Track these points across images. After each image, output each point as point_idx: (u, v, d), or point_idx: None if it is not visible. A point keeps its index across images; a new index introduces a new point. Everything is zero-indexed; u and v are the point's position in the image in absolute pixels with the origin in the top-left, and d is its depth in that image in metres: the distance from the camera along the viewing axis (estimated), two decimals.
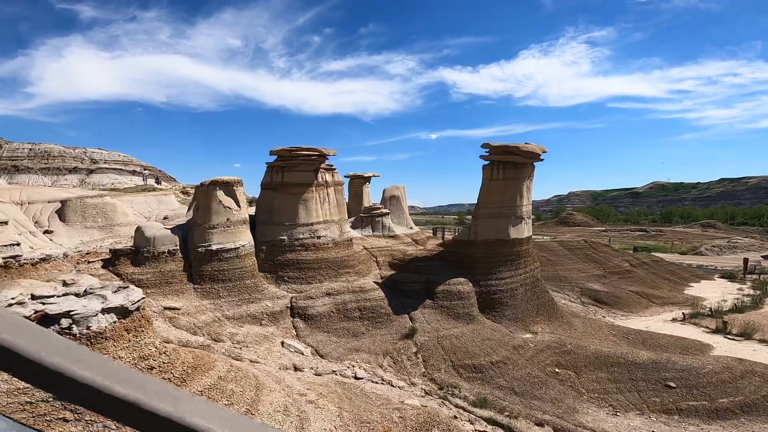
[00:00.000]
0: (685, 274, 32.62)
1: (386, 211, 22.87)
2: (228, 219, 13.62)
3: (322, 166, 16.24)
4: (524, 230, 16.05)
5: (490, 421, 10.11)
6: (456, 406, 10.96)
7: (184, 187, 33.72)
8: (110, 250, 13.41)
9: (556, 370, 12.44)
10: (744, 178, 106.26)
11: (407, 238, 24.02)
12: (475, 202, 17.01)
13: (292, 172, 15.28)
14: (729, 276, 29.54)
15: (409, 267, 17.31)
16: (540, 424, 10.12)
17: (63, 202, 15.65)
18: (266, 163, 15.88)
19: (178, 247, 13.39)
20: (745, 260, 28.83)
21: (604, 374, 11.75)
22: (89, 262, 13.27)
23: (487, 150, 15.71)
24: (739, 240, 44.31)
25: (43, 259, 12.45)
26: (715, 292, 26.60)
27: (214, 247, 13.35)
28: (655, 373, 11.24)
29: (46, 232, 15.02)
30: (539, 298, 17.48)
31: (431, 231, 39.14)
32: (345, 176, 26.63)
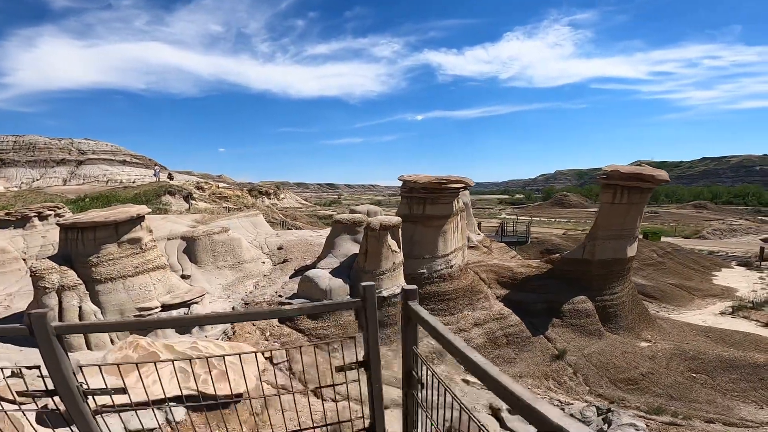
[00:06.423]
0: (706, 262, 39.99)
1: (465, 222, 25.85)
2: (393, 263, 15.75)
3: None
4: (635, 248, 20.13)
5: (672, 425, 14.14)
6: (636, 416, 14.85)
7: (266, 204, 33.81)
8: (280, 303, 15.00)
9: (693, 375, 16.85)
10: (725, 157, 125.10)
11: (481, 246, 27.36)
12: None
13: (436, 204, 17.57)
14: (746, 263, 37.10)
15: (525, 286, 20.67)
16: (710, 422, 14.36)
17: (187, 240, 16.45)
18: (403, 194, 17.95)
19: (349, 297, 15.39)
20: (761, 248, 36.42)
21: (734, 375, 16.35)
22: None
23: (605, 174, 19.25)
24: (734, 222, 53.99)
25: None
26: (740, 282, 33.61)
27: (385, 294, 15.48)
28: None
29: (183, 276, 15.90)
30: (638, 305, 21.96)
31: None
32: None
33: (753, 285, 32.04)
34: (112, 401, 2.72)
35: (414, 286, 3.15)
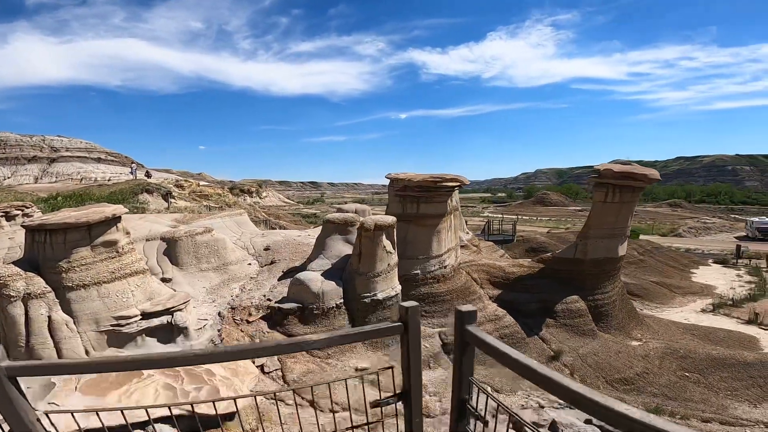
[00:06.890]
0: (684, 260, 40.88)
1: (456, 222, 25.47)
2: (388, 264, 15.13)
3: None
4: (626, 246, 20.12)
5: None
6: None
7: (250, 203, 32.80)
8: (269, 307, 14.19)
9: (686, 374, 16.86)
10: (698, 157, 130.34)
11: (471, 245, 27.06)
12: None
13: (430, 203, 17.02)
14: (722, 261, 38.08)
15: (517, 286, 20.41)
16: (707, 421, 14.33)
17: (168, 241, 15.42)
18: (396, 192, 17.33)
19: (342, 300, 14.70)
20: (738, 246, 37.46)
21: (726, 374, 16.43)
22: (249, 322, 13.96)
23: (597, 173, 19.15)
24: (708, 220, 55.62)
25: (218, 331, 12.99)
26: (718, 279, 34.39)
27: (380, 296, 14.86)
28: (766, 370, 16.25)
29: (163, 280, 14.85)
30: (627, 304, 22.02)
31: None
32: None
33: (731, 282, 32.81)
34: None
35: (472, 308, 2.78)
